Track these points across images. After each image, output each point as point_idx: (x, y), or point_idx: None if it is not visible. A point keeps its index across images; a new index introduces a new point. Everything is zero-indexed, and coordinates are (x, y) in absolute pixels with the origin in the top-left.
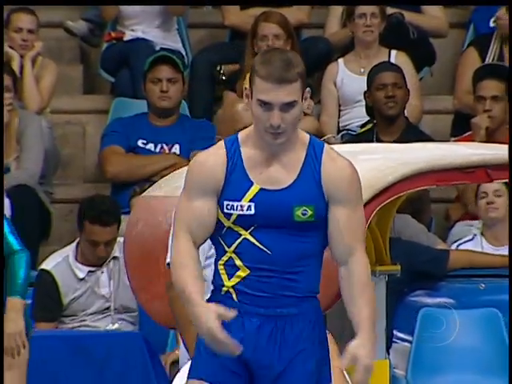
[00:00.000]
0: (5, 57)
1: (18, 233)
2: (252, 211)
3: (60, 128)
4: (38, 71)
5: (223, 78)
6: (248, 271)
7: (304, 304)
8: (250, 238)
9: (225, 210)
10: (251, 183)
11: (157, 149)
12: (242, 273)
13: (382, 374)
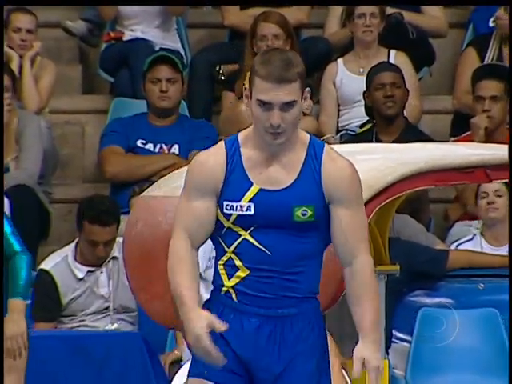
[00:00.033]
0: (4, 57)
1: (17, 233)
2: (251, 211)
3: (59, 128)
4: (37, 71)
5: (222, 78)
6: (248, 271)
7: (304, 304)
8: (250, 239)
9: (224, 211)
10: (251, 183)
11: (156, 149)
12: (242, 273)
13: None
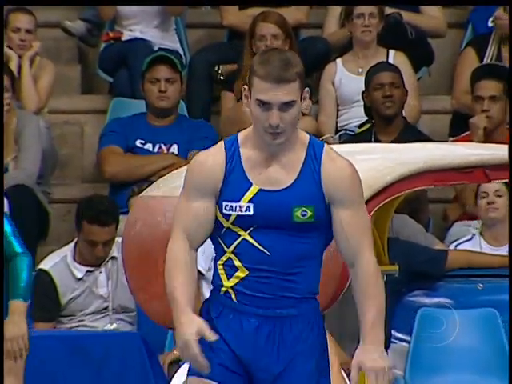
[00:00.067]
0: (3, 57)
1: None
2: (251, 212)
3: (58, 128)
4: (36, 71)
5: (221, 78)
6: (247, 272)
7: (303, 305)
8: (249, 239)
9: (224, 211)
10: (250, 184)
11: (155, 149)
12: (241, 273)
13: None
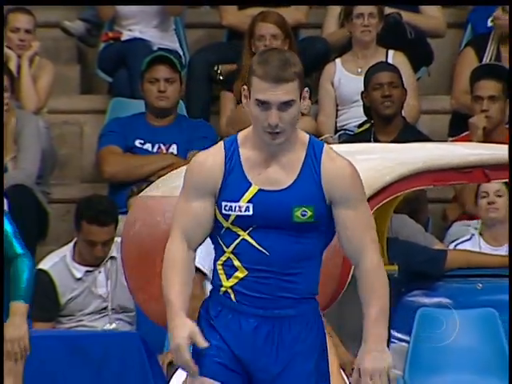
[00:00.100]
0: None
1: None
2: (250, 212)
3: (57, 128)
4: (36, 71)
5: (221, 78)
6: (246, 272)
7: (302, 305)
8: (249, 239)
9: (223, 211)
10: (249, 184)
11: (154, 149)
12: (240, 274)
13: None
